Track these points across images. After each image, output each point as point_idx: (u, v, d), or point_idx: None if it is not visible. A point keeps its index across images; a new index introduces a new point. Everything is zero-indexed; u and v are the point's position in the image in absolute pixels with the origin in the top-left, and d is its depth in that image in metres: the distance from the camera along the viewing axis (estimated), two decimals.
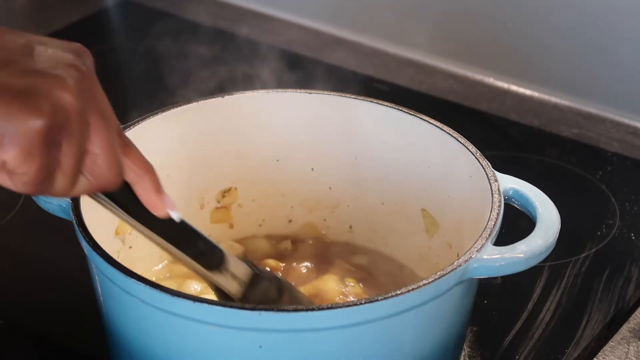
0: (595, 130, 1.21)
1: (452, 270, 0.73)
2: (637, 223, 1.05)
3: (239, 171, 0.95)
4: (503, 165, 0.86)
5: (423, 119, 0.89)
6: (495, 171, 0.83)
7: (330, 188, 0.96)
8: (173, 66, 1.22)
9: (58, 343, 0.90)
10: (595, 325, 0.92)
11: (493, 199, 0.80)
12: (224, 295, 0.77)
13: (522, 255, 0.75)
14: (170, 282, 0.89)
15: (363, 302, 0.70)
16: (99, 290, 0.78)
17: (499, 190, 0.80)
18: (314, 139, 0.94)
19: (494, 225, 0.77)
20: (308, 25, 1.39)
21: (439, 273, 0.73)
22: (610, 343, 0.90)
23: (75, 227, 0.77)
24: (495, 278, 0.88)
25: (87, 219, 0.77)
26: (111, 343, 0.81)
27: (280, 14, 1.41)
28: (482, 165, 0.83)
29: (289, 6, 1.40)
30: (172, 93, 1.15)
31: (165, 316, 0.72)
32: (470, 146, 0.85)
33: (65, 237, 0.85)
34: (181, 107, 0.90)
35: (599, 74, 1.24)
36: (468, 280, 0.75)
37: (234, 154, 0.94)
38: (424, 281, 0.72)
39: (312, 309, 0.70)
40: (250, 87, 1.08)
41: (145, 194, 0.70)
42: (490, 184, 0.81)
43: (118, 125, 0.67)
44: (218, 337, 0.72)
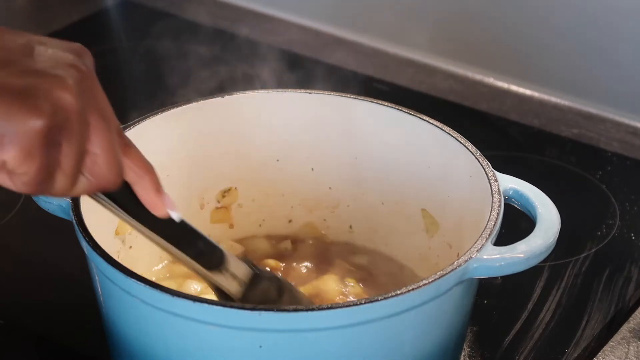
0: (595, 130, 1.21)
1: (452, 270, 0.73)
2: (637, 223, 1.05)
3: (239, 171, 0.95)
4: (503, 165, 0.86)
5: (423, 119, 0.89)
6: (495, 171, 0.82)
7: (330, 188, 0.96)
8: (173, 66, 1.21)
9: (58, 343, 0.90)
10: (595, 325, 0.92)
11: (493, 199, 0.80)
12: (224, 295, 0.77)
13: (522, 255, 0.75)
14: (170, 282, 0.89)
15: (363, 302, 0.70)
16: (99, 290, 0.78)
17: (499, 190, 0.80)
18: (314, 139, 0.94)
19: (494, 225, 0.77)
20: (308, 25, 1.38)
21: (439, 273, 0.73)
22: (610, 343, 0.90)
23: (75, 227, 0.77)
24: (495, 278, 0.88)
25: (87, 219, 0.77)
26: (111, 343, 0.81)
27: (280, 14, 1.41)
28: (482, 165, 0.83)
29: (289, 6, 1.40)
30: (172, 93, 1.15)
31: (165, 316, 0.72)
32: (470, 146, 0.85)
33: (65, 237, 0.85)
34: (181, 107, 0.90)
35: (599, 74, 1.24)
36: (468, 280, 0.75)
37: (234, 154, 0.94)
38: (424, 281, 0.72)
39: (312, 309, 0.70)
40: (250, 87, 1.08)
41: (145, 194, 0.70)
42: (490, 184, 0.81)
43: (118, 125, 0.67)
44: (218, 337, 0.72)
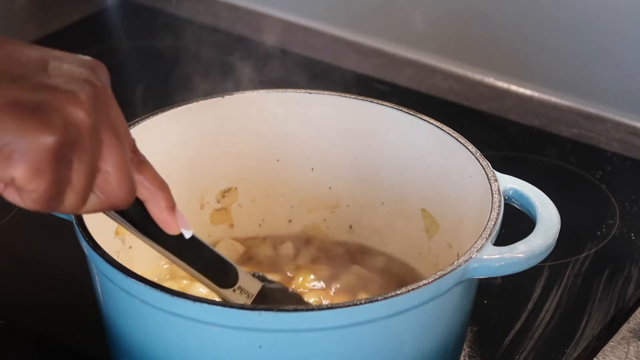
0: (595, 130, 1.21)
1: (452, 270, 0.73)
2: (637, 223, 1.05)
3: (239, 171, 0.95)
4: (503, 165, 0.86)
5: (423, 119, 0.89)
6: (495, 171, 0.82)
7: (330, 188, 0.96)
8: (173, 66, 1.21)
9: (58, 343, 0.90)
10: (595, 325, 0.92)
11: (493, 199, 0.80)
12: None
13: (522, 255, 0.75)
14: (171, 283, 0.89)
15: (363, 302, 0.70)
16: (99, 290, 0.78)
17: (499, 190, 0.80)
18: (314, 139, 0.94)
19: (494, 225, 0.77)
20: (308, 25, 1.38)
21: (439, 273, 0.73)
22: (610, 343, 0.90)
23: (75, 227, 0.77)
24: (495, 278, 0.88)
25: (87, 219, 0.77)
26: (111, 343, 0.81)
27: (281, 13, 1.40)
28: (482, 165, 0.83)
29: (289, 6, 1.40)
30: (172, 93, 1.15)
31: (165, 316, 0.72)
32: (470, 146, 0.85)
33: (65, 237, 0.84)
34: (181, 107, 0.90)
35: (599, 74, 1.24)
36: (468, 280, 0.75)
37: (234, 154, 0.94)
38: (424, 281, 0.72)
39: (312, 309, 0.70)
40: (250, 87, 1.08)
41: (158, 212, 0.69)
42: (490, 184, 0.81)
43: (133, 142, 0.66)
44: (218, 337, 0.72)
